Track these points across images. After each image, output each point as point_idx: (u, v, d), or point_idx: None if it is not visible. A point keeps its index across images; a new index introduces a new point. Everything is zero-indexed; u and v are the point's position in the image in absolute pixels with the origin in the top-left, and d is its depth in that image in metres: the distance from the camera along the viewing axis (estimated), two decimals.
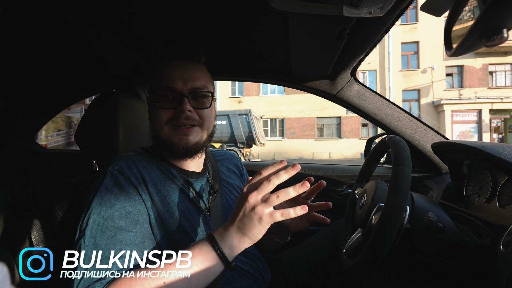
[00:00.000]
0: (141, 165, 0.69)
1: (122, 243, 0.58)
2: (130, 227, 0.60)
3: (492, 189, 0.79)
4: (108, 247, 0.57)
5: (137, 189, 0.65)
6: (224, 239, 0.57)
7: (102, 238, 0.57)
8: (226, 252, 0.56)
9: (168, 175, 0.72)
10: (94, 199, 0.61)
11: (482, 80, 14.99)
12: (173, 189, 0.71)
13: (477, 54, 14.67)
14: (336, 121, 16.71)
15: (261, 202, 0.54)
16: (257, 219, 0.54)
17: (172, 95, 0.70)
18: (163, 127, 0.70)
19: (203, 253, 0.56)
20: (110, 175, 0.65)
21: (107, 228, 0.58)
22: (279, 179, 0.55)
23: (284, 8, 0.62)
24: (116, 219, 0.60)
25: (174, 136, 0.70)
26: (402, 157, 0.65)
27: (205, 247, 0.57)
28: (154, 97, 0.71)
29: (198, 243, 0.58)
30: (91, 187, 0.66)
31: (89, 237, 0.57)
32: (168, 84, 0.69)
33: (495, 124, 14.65)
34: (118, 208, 0.61)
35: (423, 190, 1.20)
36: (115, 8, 0.73)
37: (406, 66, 15.86)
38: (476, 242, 0.68)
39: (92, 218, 0.59)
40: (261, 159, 14.25)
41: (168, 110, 0.70)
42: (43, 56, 1.01)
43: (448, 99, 14.70)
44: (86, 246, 0.57)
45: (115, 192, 0.63)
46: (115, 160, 0.68)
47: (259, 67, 1.19)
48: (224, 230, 0.58)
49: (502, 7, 0.34)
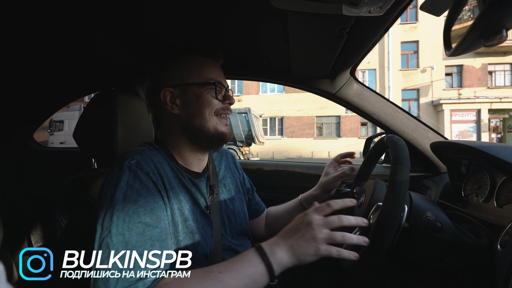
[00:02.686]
0: (156, 160, 0.67)
1: (152, 239, 0.57)
2: (156, 223, 0.59)
3: (490, 188, 0.80)
4: (139, 244, 0.55)
5: (156, 184, 0.64)
6: (274, 254, 0.57)
7: (132, 235, 0.56)
8: (275, 267, 0.56)
9: (177, 173, 0.71)
10: (116, 195, 0.58)
11: (481, 80, 15.01)
12: (181, 188, 0.70)
13: (476, 54, 14.68)
14: (336, 120, 16.71)
15: (324, 235, 0.56)
16: (315, 248, 0.56)
17: (222, 88, 0.76)
18: (212, 116, 0.73)
19: (254, 266, 0.56)
20: (129, 170, 0.62)
21: (135, 224, 0.57)
22: (348, 222, 0.58)
23: (283, 7, 0.62)
24: (142, 215, 0.58)
25: (220, 126, 0.75)
26: (401, 157, 0.66)
27: (255, 259, 0.57)
28: (206, 88, 0.73)
29: (247, 254, 0.58)
30: (105, 183, 0.63)
31: (117, 235, 0.55)
32: (217, 78, 0.75)
33: (494, 124, 14.68)
34: (142, 204, 0.59)
35: (421, 190, 1.20)
36: (116, 7, 0.73)
37: (405, 65, 15.86)
38: (474, 241, 0.68)
39: (116, 214, 0.57)
40: (260, 158, 14.25)
41: (218, 101, 0.74)
42: (42, 53, 1.01)
43: (447, 99, 14.72)
44: (115, 244, 0.54)
45: (136, 187, 0.60)
46: (129, 155, 0.66)
47: (259, 66, 1.19)
48: (275, 245, 0.58)
49: (501, 7, 0.34)
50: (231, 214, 0.82)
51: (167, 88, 0.74)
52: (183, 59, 0.76)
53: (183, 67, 0.75)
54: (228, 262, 0.58)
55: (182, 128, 0.74)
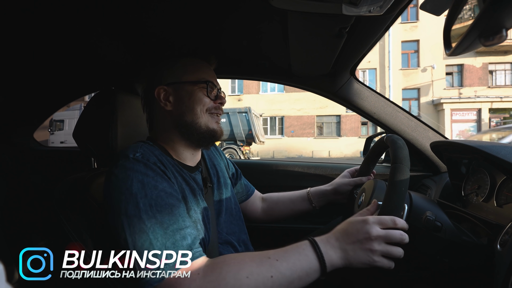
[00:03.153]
0: (157, 153, 0.70)
1: (182, 216, 0.60)
2: (178, 204, 0.62)
3: (490, 188, 0.80)
4: (172, 221, 0.58)
5: (165, 173, 0.66)
6: (328, 253, 0.59)
7: (163, 215, 0.57)
8: (328, 266, 0.58)
9: (175, 167, 0.73)
10: (133, 184, 0.59)
11: (482, 79, 14.99)
12: (182, 180, 0.72)
13: (477, 53, 14.65)
14: (336, 120, 16.70)
15: (382, 249, 0.58)
16: (370, 259, 0.58)
17: (213, 88, 0.79)
18: (203, 114, 0.76)
19: (309, 261, 0.58)
20: (137, 162, 0.63)
21: (162, 206, 0.58)
22: (407, 240, 0.59)
23: (283, 7, 0.62)
24: (165, 198, 0.60)
25: (212, 123, 0.78)
26: (401, 156, 0.66)
27: (311, 255, 0.58)
28: (198, 87, 0.76)
29: (303, 248, 0.59)
30: (113, 179, 0.62)
31: (149, 218, 0.56)
32: (209, 79, 0.78)
33: (494, 123, 14.66)
34: (162, 188, 0.61)
35: (421, 189, 1.20)
36: (116, 6, 0.73)
37: (406, 64, 15.84)
38: (473, 241, 0.68)
39: (141, 201, 0.58)
40: (260, 157, 14.26)
41: (210, 100, 0.77)
42: (42, 52, 1.01)
43: (447, 98, 14.70)
44: (151, 227, 0.56)
45: (151, 175, 0.62)
46: (131, 149, 0.67)
47: (259, 66, 1.19)
48: (330, 246, 0.60)
49: (501, 7, 0.34)
50: (224, 203, 0.85)
51: (161, 86, 0.77)
52: (179, 60, 0.79)
53: (178, 67, 0.78)
54: (284, 251, 0.59)
55: (175, 123, 0.76)
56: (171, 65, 0.79)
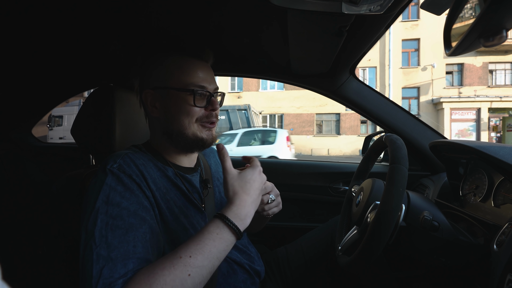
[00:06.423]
0: (139, 162, 0.68)
1: (135, 240, 0.57)
2: (140, 224, 0.59)
3: (488, 188, 0.80)
4: (122, 245, 0.55)
5: (140, 186, 0.64)
6: (239, 217, 0.60)
7: (115, 237, 0.55)
8: (241, 229, 0.60)
9: (165, 172, 0.72)
10: (99, 199, 0.59)
11: (482, 78, 14.98)
12: (170, 186, 0.71)
13: (477, 53, 14.62)
14: (335, 118, 16.69)
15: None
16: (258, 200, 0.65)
17: (204, 94, 0.72)
18: (192, 124, 0.71)
19: (225, 240, 0.58)
20: (111, 174, 0.62)
21: (118, 226, 0.57)
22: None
23: (283, 5, 0.62)
24: (125, 217, 0.58)
25: (201, 133, 0.73)
26: (399, 156, 0.66)
27: (225, 232, 0.58)
28: (185, 95, 0.70)
29: (215, 231, 0.58)
30: (89, 187, 0.63)
31: (100, 237, 0.55)
32: (200, 83, 0.71)
33: (494, 122, 14.69)
34: (126, 206, 0.59)
35: (419, 188, 1.20)
36: (114, 2, 0.72)
37: (406, 63, 15.80)
38: (470, 241, 0.68)
39: (99, 218, 0.57)
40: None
41: (201, 109, 0.72)
42: (41, 48, 1.00)
43: (447, 97, 14.69)
44: (98, 246, 0.54)
45: (119, 190, 0.61)
46: (111, 159, 0.66)
47: (258, 63, 1.19)
48: (239, 208, 0.61)
49: (501, 8, 0.34)
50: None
51: (148, 90, 0.73)
52: (165, 59, 0.73)
53: (164, 68, 0.72)
54: (194, 243, 0.56)
55: (162, 131, 0.74)
56: (156, 65, 0.73)
